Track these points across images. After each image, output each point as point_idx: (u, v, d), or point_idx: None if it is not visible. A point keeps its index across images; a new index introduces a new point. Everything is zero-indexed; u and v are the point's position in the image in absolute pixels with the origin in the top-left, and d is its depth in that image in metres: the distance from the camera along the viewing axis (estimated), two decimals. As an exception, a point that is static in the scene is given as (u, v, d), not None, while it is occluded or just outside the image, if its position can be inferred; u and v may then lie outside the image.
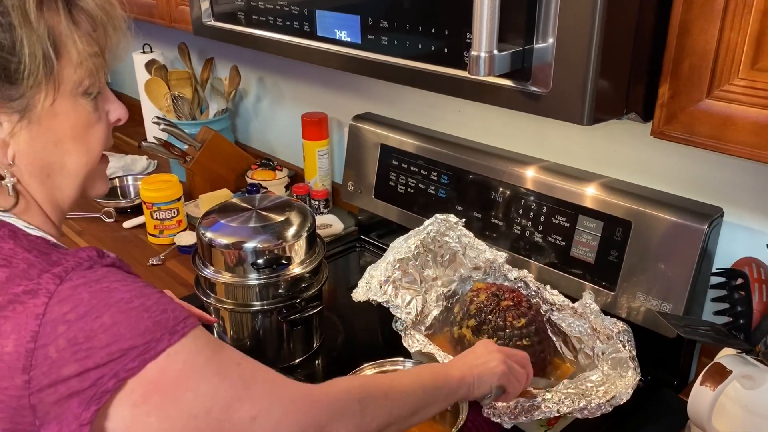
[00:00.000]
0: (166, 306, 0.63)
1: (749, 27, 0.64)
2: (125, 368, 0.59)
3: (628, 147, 1.12)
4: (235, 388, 0.64)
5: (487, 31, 0.67)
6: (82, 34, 0.66)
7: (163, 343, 0.61)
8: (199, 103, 1.97)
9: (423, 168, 1.36)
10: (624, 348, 0.98)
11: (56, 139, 0.68)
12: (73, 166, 0.70)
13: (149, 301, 0.62)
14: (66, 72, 0.65)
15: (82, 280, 0.61)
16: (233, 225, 1.10)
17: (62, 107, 0.67)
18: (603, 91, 0.68)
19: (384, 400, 0.75)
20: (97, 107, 0.71)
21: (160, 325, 0.61)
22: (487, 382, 0.87)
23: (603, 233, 1.09)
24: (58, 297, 0.59)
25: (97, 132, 0.71)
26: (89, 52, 0.66)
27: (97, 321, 0.59)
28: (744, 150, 0.68)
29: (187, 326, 0.63)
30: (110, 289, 0.61)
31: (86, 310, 0.59)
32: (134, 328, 0.60)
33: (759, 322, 0.87)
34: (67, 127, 0.68)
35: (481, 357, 0.89)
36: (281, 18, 1.02)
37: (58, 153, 0.69)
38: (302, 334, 1.18)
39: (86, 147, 0.70)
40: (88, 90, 0.68)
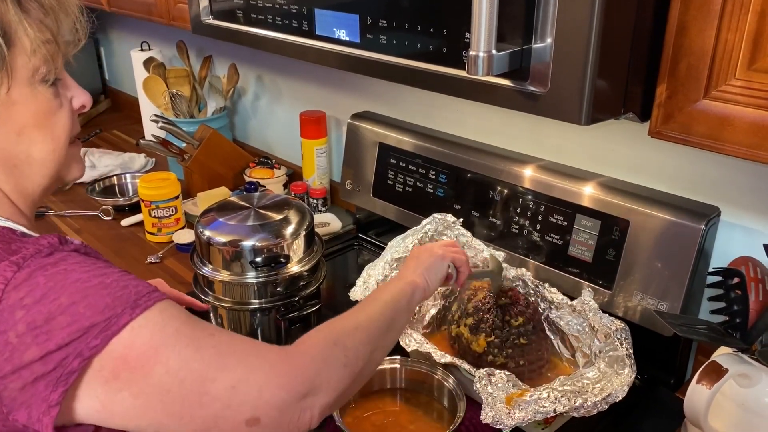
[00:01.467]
0: (127, 282, 0.62)
1: (746, 28, 0.64)
2: (88, 347, 0.58)
3: (626, 147, 1.12)
4: (208, 359, 0.63)
5: (486, 31, 0.67)
6: (33, 21, 0.65)
7: (125, 317, 0.60)
8: (198, 101, 1.97)
9: (421, 167, 1.36)
10: (621, 346, 0.99)
11: (18, 128, 0.67)
12: (40, 155, 0.70)
13: (108, 279, 0.61)
14: (20, 60, 0.65)
15: (39, 265, 0.60)
16: (232, 223, 1.10)
17: (20, 96, 0.66)
18: (601, 91, 0.69)
19: (357, 331, 0.76)
20: (58, 94, 0.70)
21: (121, 300, 0.60)
22: (437, 271, 0.93)
23: (600, 232, 1.09)
24: (14, 283, 0.59)
25: (60, 119, 0.70)
26: (42, 39, 0.66)
27: (54, 303, 0.58)
28: (741, 150, 0.68)
29: (151, 299, 0.62)
30: (67, 271, 0.60)
31: (43, 293, 0.59)
32: (93, 305, 0.59)
33: (755, 321, 0.88)
34: (28, 116, 0.67)
35: (419, 257, 0.95)
36: (280, 16, 1.02)
37: (23, 142, 0.68)
38: (301, 333, 1.17)
39: (51, 135, 0.70)
40: (46, 77, 0.68)
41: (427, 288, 0.91)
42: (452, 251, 0.98)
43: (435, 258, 0.94)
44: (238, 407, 0.63)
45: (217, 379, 0.62)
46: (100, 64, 2.76)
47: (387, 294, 0.86)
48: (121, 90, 2.68)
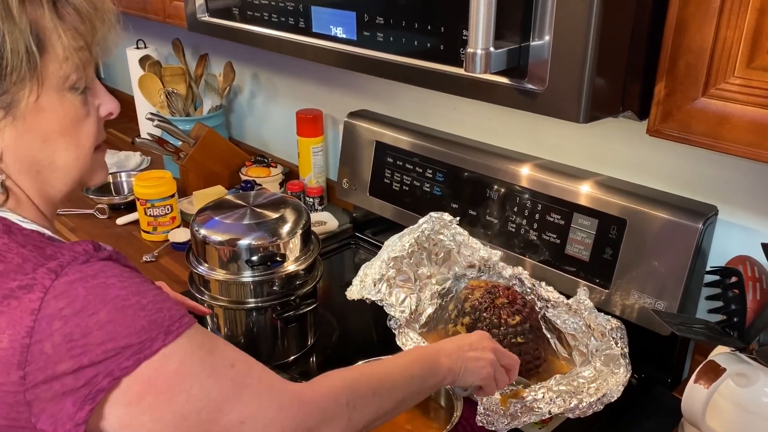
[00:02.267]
0: (162, 304, 0.62)
1: (745, 25, 0.64)
2: (120, 367, 0.59)
3: (624, 145, 1.12)
4: (226, 392, 0.64)
5: (484, 28, 0.66)
6: (68, 28, 0.65)
7: (158, 342, 0.60)
8: (193, 99, 1.96)
9: (418, 165, 1.36)
10: (616, 345, 0.99)
11: (44, 135, 0.67)
12: (63, 162, 0.69)
13: (145, 299, 0.61)
14: (51, 67, 0.64)
15: (79, 275, 0.60)
16: (227, 222, 1.09)
17: (48, 103, 0.65)
18: (599, 89, 0.68)
19: (372, 397, 0.74)
20: (86, 102, 0.70)
21: (156, 324, 0.61)
22: (470, 379, 0.86)
23: (598, 231, 1.09)
24: (53, 292, 0.58)
25: (86, 127, 0.70)
26: (75, 46, 0.65)
27: (93, 317, 0.58)
28: (740, 148, 0.68)
29: (182, 326, 0.62)
30: (107, 285, 0.60)
31: (82, 306, 0.58)
32: (130, 326, 0.59)
33: (753, 320, 0.88)
34: (55, 123, 0.67)
35: (473, 350, 0.87)
36: (276, 14, 1.01)
37: (47, 149, 0.68)
38: (297, 332, 1.18)
39: (75, 142, 0.69)
40: (75, 85, 0.67)
41: (454, 383, 0.86)
42: (498, 378, 0.88)
43: (479, 370, 0.86)
44: None
45: (230, 413, 0.63)
46: (96, 61, 2.74)
47: (420, 367, 0.81)
48: (116, 88, 2.67)
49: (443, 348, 0.86)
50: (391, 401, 0.77)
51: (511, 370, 0.91)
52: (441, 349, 0.86)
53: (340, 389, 0.72)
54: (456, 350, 0.86)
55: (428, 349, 0.86)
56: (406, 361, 0.82)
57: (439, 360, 0.83)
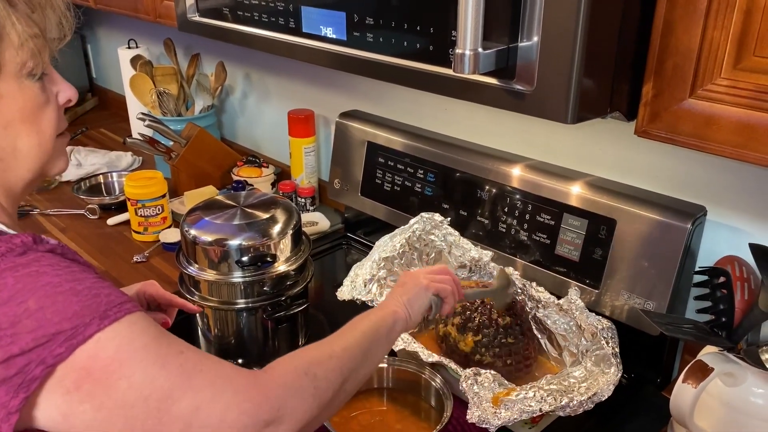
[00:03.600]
0: (99, 290, 0.61)
1: (732, 27, 0.64)
2: (52, 354, 0.57)
3: (613, 146, 1.12)
4: (174, 378, 0.62)
5: (472, 29, 0.66)
6: (20, 16, 0.65)
7: (92, 327, 0.59)
8: (185, 99, 1.95)
9: (409, 166, 1.36)
10: (607, 345, 0.99)
11: (5, 122, 0.67)
12: (26, 149, 0.69)
13: (80, 286, 0.60)
14: (7, 54, 0.65)
15: (10, 264, 0.59)
16: (218, 222, 1.09)
17: (7, 90, 0.66)
18: (587, 89, 0.69)
19: (330, 360, 0.74)
20: (45, 89, 0.70)
21: (90, 309, 0.59)
22: (419, 302, 0.89)
23: (587, 231, 1.09)
24: None
25: (46, 113, 0.70)
26: (29, 33, 0.65)
27: (21, 306, 0.57)
28: (726, 149, 0.68)
29: (121, 311, 0.61)
30: (39, 273, 0.59)
31: (10, 295, 0.57)
32: (61, 312, 0.58)
33: (741, 320, 0.88)
34: (15, 110, 0.67)
35: (405, 285, 0.91)
36: (266, 14, 1.01)
37: (9, 136, 0.68)
38: (287, 333, 1.18)
39: (36, 128, 0.69)
40: (33, 71, 0.67)
41: (409, 319, 0.88)
42: (438, 280, 0.93)
43: (419, 288, 0.91)
44: (199, 429, 0.62)
45: (181, 399, 0.61)
46: (87, 61, 2.73)
47: (366, 323, 0.83)
48: (108, 88, 2.66)
49: (383, 302, 0.90)
50: (351, 359, 0.76)
51: (443, 272, 0.95)
52: (380, 304, 0.90)
53: (296, 363, 0.71)
54: (392, 296, 0.90)
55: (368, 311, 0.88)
56: (351, 324, 0.83)
57: (381, 310, 0.86)
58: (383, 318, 0.84)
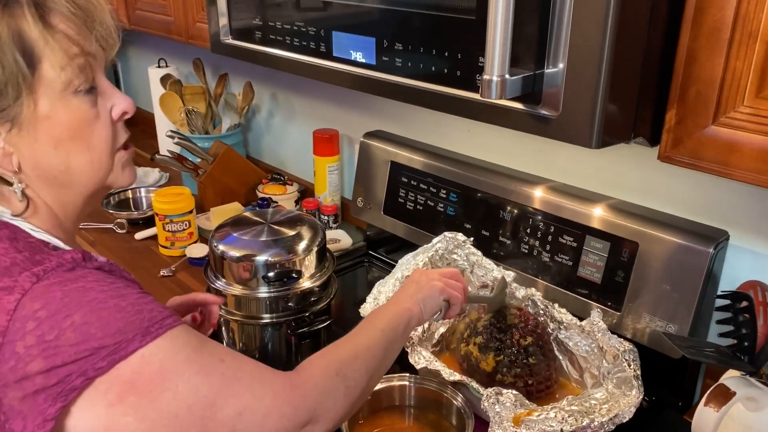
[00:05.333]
0: (142, 306, 0.63)
1: (755, 56, 0.66)
2: (94, 367, 0.59)
3: (636, 170, 1.14)
4: (216, 386, 0.64)
5: (500, 55, 0.69)
6: (60, 37, 0.65)
7: (135, 343, 0.61)
8: (213, 117, 2.00)
9: (432, 185, 1.38)
10: (629, 367, 0.99)
11: (54, 142, 0.67)
12: (78, 166, 0.70)
13: (124, 302, 0.62)
14: (49, 75, 0.65)
15: (59, 279, 0.61)
16: (245, 238, 1.12)
17: (53, 110, 0.66)
18: (611, 115, 0.70)
19: (356, 361, 0.78)
20: (95, 104, 0.70)
21: (133, 325, 0.61)
22: (432, 302, 0.94)
23: (610, 254, 1.10)
24: (30, 294, 0.60)
25: (98, 129, 0.70)
26: (71, 53, 0.66)
27: (67, 320, 0.59)
28: (748, 175, 0.69)
29: (163, 327, 0.63)
30: (85, 289, 0.61)
31: (57, 309, 0.59)
32: (105, 327, 0.60)
33: (763, 345, 0.88)
34: (62, 129, 0.67)
35: (419, 283, 0.95)
36: (298, 38, 1.05)
37: (60, 155, 0.68)
38: (310, 348, 1.19)
39: (87, 145, 0.69)
40: (79, 88, 0.67)
41: (421, 318, 0.92)
42: (451, 286, 0.98)
43: (433, 290, 0.95)
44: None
45: (225, 406, 0.64)
46: (117, 79, 2.81)
47: (384, 321, 0.87)
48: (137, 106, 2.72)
49: (396, 298, 0.94)
50: (374, 358, 0.81)
51: (454, 277, 1.00)
52: (394, 299, 0.94)
53: (326, 364, 0.75)
54: (406, 293, 0.94)
55: (384, 306, 0.92)
56: (370, 322, 0.87)
57: (397, 308, 0.90)
58: (399, 315, 0.88)
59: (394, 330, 0.86)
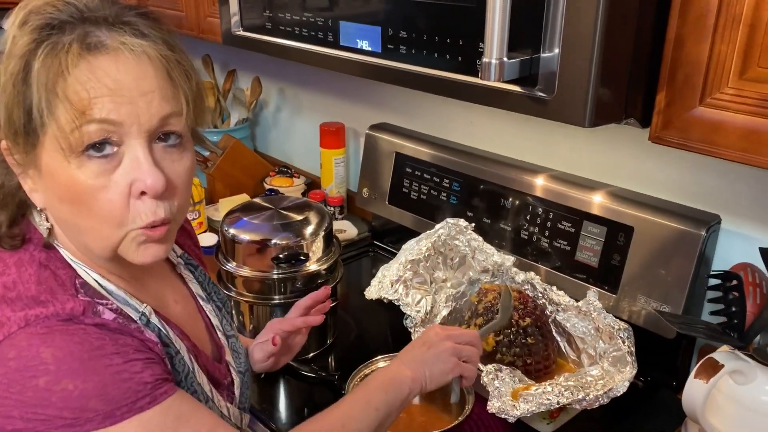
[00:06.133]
0: (116, 386, 0.60)
1: (738, 40, 0.70)
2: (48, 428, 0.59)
3: (632, 157, 1.18)
4: None
5: (498, 39, 0.73)
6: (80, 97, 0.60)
7: (92, 424, 0.59)
8: (221, 112, 2.05)
9: (435, 175, 1.42)
10: (623, 344, 1.03)
11: (57, 197, 0.64)
12: (85, 227, 0.65)
13: (98, 376, 0.60)
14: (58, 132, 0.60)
15: (45, 331, 0.60)
16: (255, 222, 1.16)
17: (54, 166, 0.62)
18: (603, 97, 0.74)
19: None
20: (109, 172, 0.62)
21: (97, 405, 0.59)
22: (440, 377, 0.87)
23: (606, 238, 1.14)
24: (11, 339, 0.59)
25: (101, 200, 0.62)
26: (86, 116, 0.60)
27: (32, 380, 0.58)
28: (733, 154, 0.73)
29: (131, 411, 0.60)
30: (64, 352, 0.59)
31: (27, 365, 0.59)
32: (66, 399, 0.59)
33: (752, 322, 0.92)
34: (60, 188, 0.63)
35: (430, 348, 0.87)
36: (306, 28, 1.09)
37: (65, 210, 0.65)
38: (317, 330, 1.23)
39: (88, 211, 0.63)
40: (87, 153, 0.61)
41: (424, 389, 0.85)
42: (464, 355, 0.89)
43: (446, 366, 0.87)
44: None
45: None
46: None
47: (382, 396, 0.80)
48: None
49: (403, 359, 0.87)
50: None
51: (471, 344, 0.91)
52: (401, 361, 0.87)
53: None
54: (415, 357, 0.87)
55: (388, 370, 0.86)
56: (367, 394, 0.81)
57: (402, 375, 0.84)
58: (399, 387, 0.82)
59: (390, 405, 0.80)
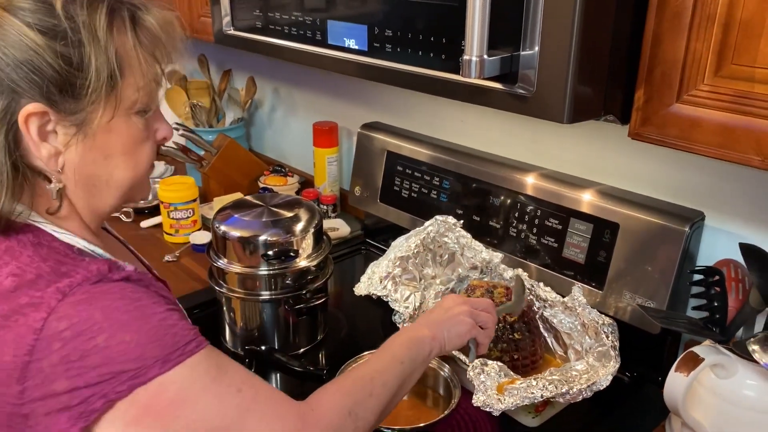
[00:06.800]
0: (166, 330, 0.64)
1: (713, 38, 0.71)
2: (114, 390, 0.61)
3: (617, 155, 1.19)
4: (230, 417, 0.65)
5: (478, 37, 0.74)
6: (148, 55, 0.69)
7: (154, 370, 0.62)
8: (216, 111, 2.06)
9: (426, 174, 1.43)
10: (607, 339, 1.04)
11: (107, 153, 0.70)
12: (119, 179, 0.73)
13: (147, 325, 0.63)
14: (127, 92, 0.68)
15: (85, 296, 0.62)
16: (246, 219, 1.17)
17: (117, 125, 0.69)
18: (581, 94, 0.76)
19: (370, 399, 0.77)
20: (148, 126, 0.73)
21: (154, 351, 0.62)
22: (458, 339, 0.91)
23: (593, 235, 1.15)
24: (57, 314, 0.61)
25: (145, 149, 0.74)
26: (153, 72, 0.69)
27: (90, 341, 0.60)
28: (710, 150, 0.75)
29: (184, 354, 0.64)
30: (110, 309, 0.62)
31: (82, 330, 0.61)
32: (126, 352, 0.61)
33: (734, 317, 0.94)
34: (119, 144, 0.70)
35: (448, 311, 0.92)
36: (296, 28, 1.10)
37: (108, 166, 0.71)
38: (307, 326, 1.25)
39: (134, 162, 0.73)
40: (145, 108, 0.71)
41: (443, 348, 0.89)
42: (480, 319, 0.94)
43: (461, 323, 0.91)
44: None
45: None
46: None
47: (405, 352, 0.84)
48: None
49: (423, 321, 0.91)
50: (389, 394, 0.80)
51: (487, 311, 0.96)
52: (421, 323, 0.91)
53: (340, 403, 0.74)
54: (434, 319, 0.91)
55: (409, 329, 0.90)
56: (393, 350, 0.85)
57: (422, 334, 0.88)
58: (421, 344, 0.86)
59: (414, 361, 0.84)
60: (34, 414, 0.61)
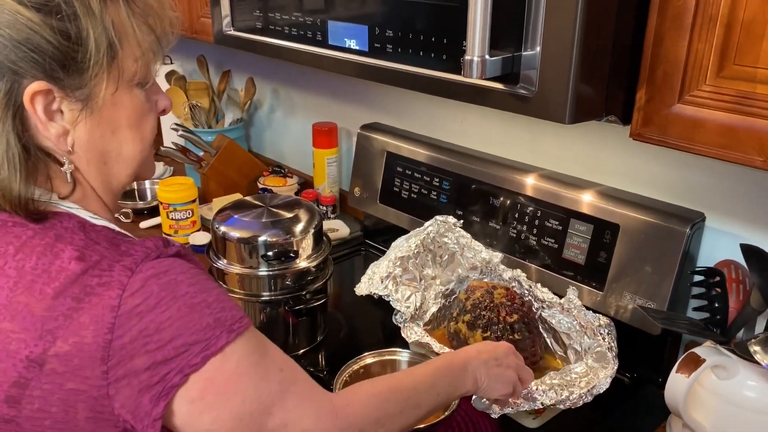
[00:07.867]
0: (225, 304, 0.66)
1: (714, 39, 0.71)
2: (189, 364, 0.62)
3: (618, 155, 1.19)
4: (274, 394, 0.66)
5: (480, 37, 0.74)
6: (141, 23, 0.69)
7: (222, 339, 0.63)
8: (216, 112, 2.06)
9: (426, 174, 1.43)
10: (604, 340, 1.04)
11: (114, 127, 0.70)
12: (129, 153, 0.73)
13: (210, 297, 0.65)
14: (127, 62, 0.68)
15: (152, 271, 0.63)
16: (246, 220, 1.17)
17: (121, 98, 0.69)
18: (583, 94, 0.76)
19: (399, 415, 0.77)
20: (149, 97, 0.73)
21: (220, 322, 0.64)
22: (492, 394, 0.90)
23: (593, 236, 1.15)
24: (130, 289, 0.62)
25: (149, 121, 0.74)
26: (149, 41, 0.69)
27: (165, 314, 0.62)
28: (712, 150, 0.75)
29: (242, 326, 0.65)
30: (177, 282, 0.63)
31: (155, 303, 0.62)
32: (197, 323, 0.62)
33: (735, 318, 0.93)
34: (124, 117, 0.70)
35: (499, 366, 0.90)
36: (296, 28, 1.10)
37: (116, 141, 0.71)
38: (307, 327, 1.25)
39: (141, 135, 0.73)
40: (145, 80, 0.71)
41: (476, 391, 0.89)
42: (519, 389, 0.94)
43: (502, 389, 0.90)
44: None
45: (275, 415, 0.66)
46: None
47: (446, 387, 0.84)
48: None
49: (471, 357, 0.88)
50: (416, 417, 0.80)
51: (525, 381, 0.95)
52: (469, 358, 0.88)
53: (373, 407, 0.75)
54: (484, 363, 0.89)
55: (456, 360, 0.88)
56: (434, 376, 0.84)
57: (466, 371, 0.86)
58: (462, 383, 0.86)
59: (449, 395, 0.85)
60: (119, 395, 0.62)
